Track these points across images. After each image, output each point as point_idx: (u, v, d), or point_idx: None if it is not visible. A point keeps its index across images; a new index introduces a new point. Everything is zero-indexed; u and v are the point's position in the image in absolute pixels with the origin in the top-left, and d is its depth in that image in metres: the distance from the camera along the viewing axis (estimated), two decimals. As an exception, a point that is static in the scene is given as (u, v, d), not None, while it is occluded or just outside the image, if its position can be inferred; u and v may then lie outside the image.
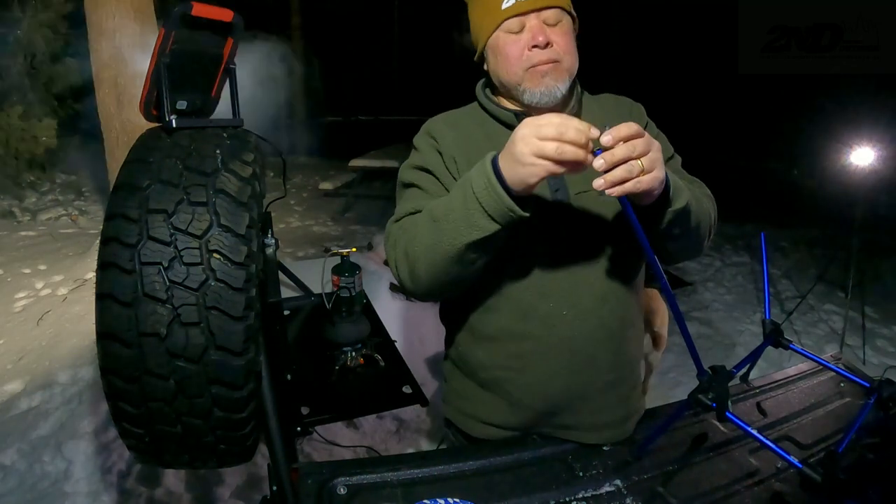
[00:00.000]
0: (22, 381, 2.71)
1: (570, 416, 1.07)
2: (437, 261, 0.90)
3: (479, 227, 0.84)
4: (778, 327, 1.18)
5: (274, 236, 1.45)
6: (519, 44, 0.98)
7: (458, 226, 0.85)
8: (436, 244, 0.89)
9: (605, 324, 1.04)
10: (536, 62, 0.98)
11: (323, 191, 6.93)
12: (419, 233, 0.93)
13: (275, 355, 1.19)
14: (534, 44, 0.97)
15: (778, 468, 1.07)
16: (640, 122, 1.11)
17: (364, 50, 12.61)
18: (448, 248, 0.87)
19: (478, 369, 1.10)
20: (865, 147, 3.70)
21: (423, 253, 0.92)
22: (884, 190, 4.34)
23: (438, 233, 0.88)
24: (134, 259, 0.91)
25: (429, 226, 0.91)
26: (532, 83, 0.99)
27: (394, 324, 3.16)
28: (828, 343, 3.89)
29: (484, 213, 0.83)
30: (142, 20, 3.72)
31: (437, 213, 0.90)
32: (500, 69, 1.03)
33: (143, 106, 1.18)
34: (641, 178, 0.77)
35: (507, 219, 0.83)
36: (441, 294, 1.03)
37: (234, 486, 2.21)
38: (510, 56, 0.99)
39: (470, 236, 0.85)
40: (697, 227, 0.97)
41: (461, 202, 0.85)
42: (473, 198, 0.83)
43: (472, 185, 0.83)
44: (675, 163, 1.13)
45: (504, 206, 0.81)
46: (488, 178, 0.81)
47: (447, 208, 0.88)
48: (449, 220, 0.87)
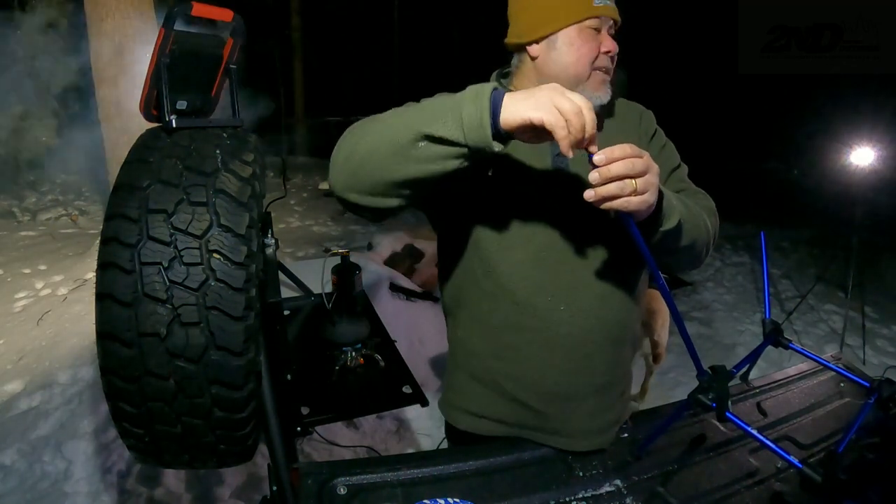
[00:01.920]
0: (22, 381, 2.71)
1: (559, 420, 1.05)
2: (385, 142, 0.83)
3: (444, 123, 0.78)
4: (778, 327, 1.18)
5: (274, 236, 1.44)
6: (594, 44, 1.00)
7: (426, 115, 0.80)
8: (393, 126, 0.84)
9: (603, 325, 1.04)
10: (604, 66, 1.02)
11: (323, 191, 6.93)
12: (385, 116, 0.89)
13: (275, 355, 1.19)
14: (608, 50, 1.01)
15: (778, 468, 1.07)
16: (649, 128, 1.12)
17: (364, 50, 12.60)
18: (403, 132, 0.81)
19: (472, 358, 1.10)
20: (865, 147, 3.70)
21: (376, 130, 0.86)
22: (884, 190, 4.35)
23: (404, 116, 0.84)
24: (134, 259, 0.91)
25: (398, 112, 0.88)
26: (594, 86, 1.02)
27: (394, 324, 3.16)
28: (828, 343, 3.90)
29: (458, 117, 0.78)
30: (142, 20, 3.73)
31: (411, 105, 0.88)
32: (568, 61, 1.01)
33: (143, 106, 1.18)
34: (631, 198, 0.78)
35: (475, 135, 0.77)
36: (357, 189, 0.88)
37: (234, 486, 2.22)
38: (587, 53, 1.00)
39: (430, 127, 0.79)
40: (691, 245, 0.97)
41: (443, 100, 0.82)
42: (457, 100, 0.79)
43: (464, 93, 0.80)
44: (681, 172, 1.12)
45: (478, 120, 0.76)
46: (481, 91, 0.78)
47: (424, 103, 0.86)
48: (421, 109, 0.84)
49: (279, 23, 10.19)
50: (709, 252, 1.06)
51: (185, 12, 1.07)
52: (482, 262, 1.04)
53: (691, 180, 1.14)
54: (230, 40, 1.19)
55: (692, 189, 1.11)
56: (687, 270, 0.99)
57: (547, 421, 1.06)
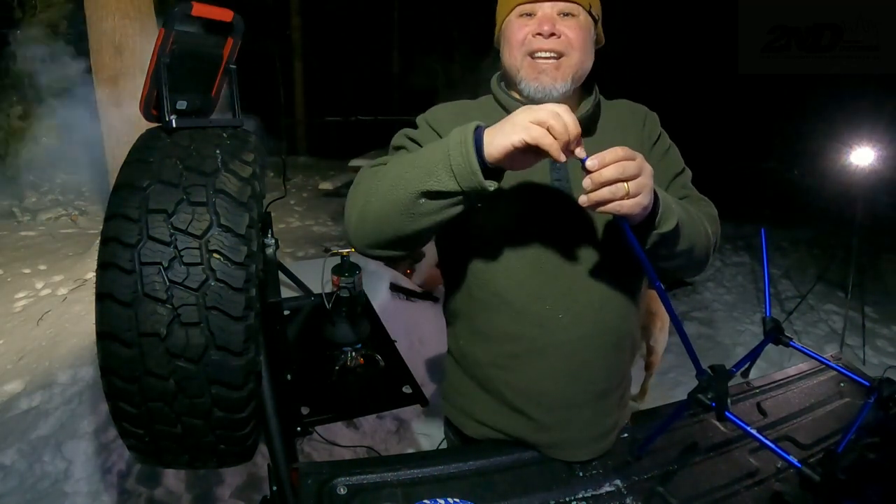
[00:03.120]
0: (22, 381, 2.71)
1: (559, 430, 1.04)
2: (390, 203, 0.87)
3: (438, 178, 0.81)
4: (778, 325, 1.17)
5: (274, 236, 1.44)
6: (525, 29, 0.97)
7: (421, 172, 0.83)
8: (395, 185, 0.86)
9: (601, 331, 1.03)
10: (536, 48, 0.96)
11: (323, 191, 6.94)
12: (385, 173, 0.91)
13: (275, 355, 1.19)
14: (538, 31, 0.95)
15: (778, 468, 1.07)
16: (653, 132, 1.10)
17: (364, 50, 12.60)
18: (403, 192, 0.85)
19: (474, 366, 1.10)
20: (865, 147, 3.70)
21: (380, 191, 0.89)
22: (884, 190, 4.35)
23: (401, 174, 0.86)
24: (134, 259, 0.91)
25: (396, 167, 0.89)
26: (528, 76, 0.98)
27: (394, 324, 3.15)
28: (828, 343, 3.90)
29: (448, 168, 0.80)
30: (142, 20, 3.73)
31: (407, 158, 0.89)
32: (504, 53, 1.01)
33: (143, 106, 1.18)
34: (624, 201, 0.78)
35: (468, 183, 0.80)
36: (379, 244, 0.94)
37: (234, 486, 2.22)
38: (514, 38, 0.98)
39: (427, 184, 0.82)
40: (689, 249, 0.95)
41: (432, 153, 0.84)
42: (445, 151, 0.81)
43: (449, 141, 0.82)
44: (684, 178, 1.11)
45: (468, 168, 0.79)
46: (465, 137, 0.80)
47: (418, 155, 0.87)
48: (414, 164, 0.85)
49: (279, 23, 10.19)
50: (709, 259, 1.04)
51: (185, 12, 1.07)
52: (480, 271, 1.04)
53: (693, 181, 1.14)
54: (230, 40, 1.19)
55: (695, 195, 1.10)
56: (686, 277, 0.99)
57: (547, 433, 1.04)
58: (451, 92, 9.30)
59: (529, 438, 1.06)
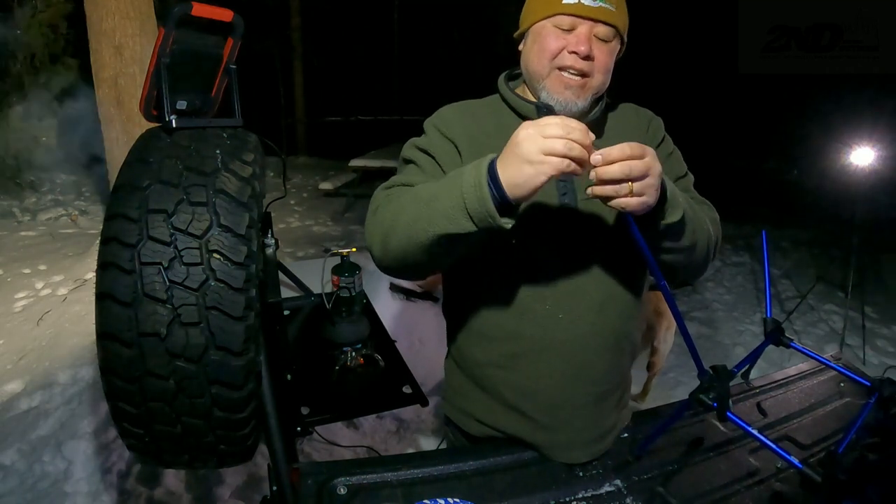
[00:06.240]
0: (22, 381, 2.71)
1: (557, 431, 1.04)
2: (410, 241, 0.89)
3: (455, 222, 0.82)
4: (779, 325, 1.17)
5: (274, 236, 1.45)
6: (561, 41, 0.96)
7: (437, 215, 0.84)
8: (413, 224, 0.87)
9: (601, 332, 1.03)
10: (568, 65, 0.96)
11: (323, 191, 6.93)
12: (402, 207, 0.91)
13: (275, 355, 1.19)
14: (574, 50, 0.95)
15: (778, 468, 1.07)
16: (657, 136, 1.11)
17: (364, 50, 12.59)
18: (422, 232, 0.86)
19: (474, 366, 1.10)
20: (865, 147, 3.70)
21: (399, 228, 0.90)
22: (884, 190, 4.34)
23: (418, 215, 0.87)
24: (134, 259, 0.91)
25: (412, 205, 0.90)
26: (553, 87, 0.98)
27: (394, 324, 3.16)
28: (828, 343, 3.90)
29: (464, 212, 0.81)
30: (142, 20, 3.72)
31: (422, 196, 0.89)
32: (532, 56, 1.01)
33: (143, 106, 1.18)
34: (628, 199, 0.78)
35: (486, 224, 0.80)
36: (404, 273, 1.00)
37: (234, 486, 2.22)
38: (547, 48, 0.97)
39: (445, 228, 0.83)
40: (692, 246, 0.95)
41: (447, 194, 0.84)
42: (459, 194, 0.81)
43: (462, 182, 0.82)
44: (686, 182, 1.11)
45: (485, 211, 0.79)
46: (479, 179, 0.80)
47: (432, 195, 0.87)
48: (431, 206, 0.85)
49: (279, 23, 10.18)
50: (709, 262, 1.04)
51: (184, 12, 1.07)
52: (481, 271, 1.04)
53: (694, 181, 1.14)
54: (230, 40, 1.19)
55: (697, 199, 1.10)
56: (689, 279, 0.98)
57: (545, 433, 1.05)
58: (451, 92, 9.28)
59: (528, 438, 1.06)
